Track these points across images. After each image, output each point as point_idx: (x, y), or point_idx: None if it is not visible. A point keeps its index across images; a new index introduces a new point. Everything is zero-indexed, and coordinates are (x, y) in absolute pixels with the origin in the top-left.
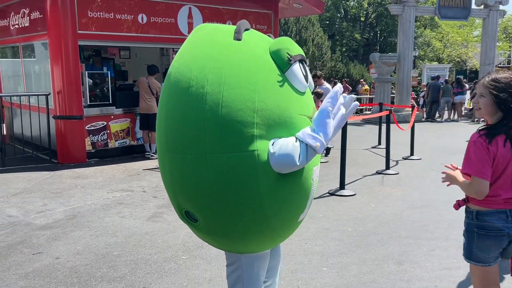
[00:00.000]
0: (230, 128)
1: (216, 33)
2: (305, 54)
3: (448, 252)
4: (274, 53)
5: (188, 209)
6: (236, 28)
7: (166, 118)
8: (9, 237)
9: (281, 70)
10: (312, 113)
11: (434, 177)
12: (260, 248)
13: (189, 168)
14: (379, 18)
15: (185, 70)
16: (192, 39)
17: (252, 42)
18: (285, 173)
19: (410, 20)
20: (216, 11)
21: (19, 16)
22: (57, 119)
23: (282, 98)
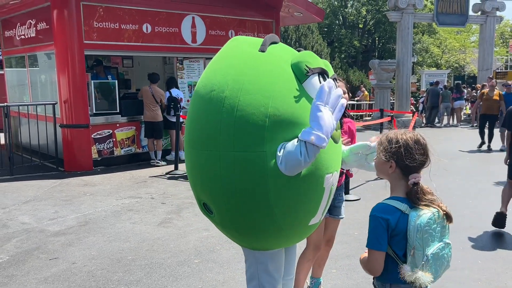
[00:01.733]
0: (242, 129)
1: (244, 45)
2: None
3: (453, 253)
4: (294, 65)
5: (205, 201)
6: (263, 41)
7: (191, 117)
8: (24, 244)
9: (299, 81)
10: None
11: (436, 182)
12: (270, 246)
13: (205, 163)
14: (377, 25)
15: (211, 77)
16: (223, 50)
17: (276, 54)
18: (293, 176)
19: (408, 26)
20: (219, 20)
21: (26, 26)
22: (63, 128)
23: (297, 106)
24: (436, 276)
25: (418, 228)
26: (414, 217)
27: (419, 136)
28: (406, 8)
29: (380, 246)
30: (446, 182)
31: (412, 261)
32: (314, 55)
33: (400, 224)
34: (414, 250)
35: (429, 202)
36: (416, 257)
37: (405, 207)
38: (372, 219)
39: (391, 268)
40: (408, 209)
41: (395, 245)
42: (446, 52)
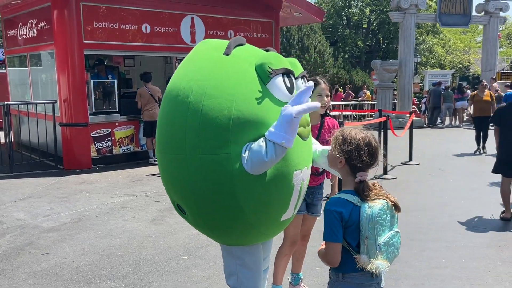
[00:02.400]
0: (207, 133)
1: (210, 49)
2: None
3: (438, 252)
4: (257, 67)
5: (178, 202)
6: (228, 44)
7: (160, 122)
8: (17, 239)
9: (263, 82)
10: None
11: (431, 182)
12: (245, 242)
13: (174, 166)
14: (381, 25)
15: (177, 82)
16: (190, 54)
17: (240, 57)
18: (261, 175)
19: (411, 27)
20: (218, 20)
21: (27, 26)
22: (63, 126)
23: (261, 107)
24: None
25: (370, 218)
26: (366, 209)
27: (372, 139)
28: (409, 8)
29: (336, 238)
30: (440, 182)
31: (365, 250)
32: (278, 56)
33: (352, 216)
34: (367, 239)
35: (377, 195)
36: (368, 246)
37: (356, 200)
38: (326, 213)
39: (344, 258)
40: (359, 202)
41: (348, 236)
42: (450, 53)
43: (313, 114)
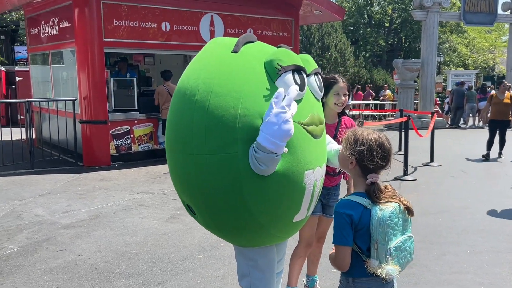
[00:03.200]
0: (213, 132)
1: (218, 47)
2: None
3: (458, 256)
4: (266, 63)
5: (187, 202)
6: (236, 41)
7: (169, 121)
8: (35, 235)
9: (272, 80)
10: (309, 118)
11: (452, 184)
12: (257, 243)
13: (182, 165)
14: (403, 24)
15: (185, 81)
16: (199, 53)
17: (249, 54)
18: (269, 175)
19: (433, 26)
20: (237, 18)
21: (49, 24)
22: (83, 124)
23: (268, 105)
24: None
25: (380, 222)
26: (376, 212)
27: (384, 140)
28: (432, 6)
29: (346, 241)
30: (462, 184)
31: (376, 254)
32: (288, 52)
33: (363, 219)
34: (377, 244)
35: (389, 198)
36: (378, 250)
37: (367, 202)
38: (336, 215)
39: (354, 262)
40: (370, 204)
41: (359, 240)
42: (474, 52)
43: (330, 112)
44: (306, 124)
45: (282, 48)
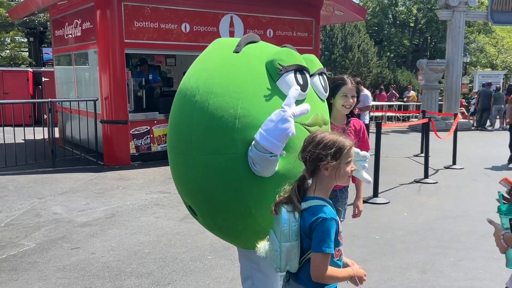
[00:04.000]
0: (213, 133)
1: (220, 47)
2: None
3: (476, 263)
4: (267, 63)
5: (189, 203)
6: (239, 41)
7: (170, 122)
8: (52, 233)
9: (273, 80)
10: (312, 119)
11: (474, 187)
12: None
13: (182, 167)
14: (429, 24)
15: (186, 81)
16: (202, 54)
17: (251, 54)
18: (269, 177)
19: (459, 25)
20: (257, 19)
21: (73, 26)
22: (104, 123)
23: (268, 105)
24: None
25: None
26: None
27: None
28: (458, 6)
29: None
30: (484, 188)
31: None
32: (291, 52)
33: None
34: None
35: None
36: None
37: None
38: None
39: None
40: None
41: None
42: (502, 52)
43: (338, 114)
44: (309, 125)
45: (285, 48)
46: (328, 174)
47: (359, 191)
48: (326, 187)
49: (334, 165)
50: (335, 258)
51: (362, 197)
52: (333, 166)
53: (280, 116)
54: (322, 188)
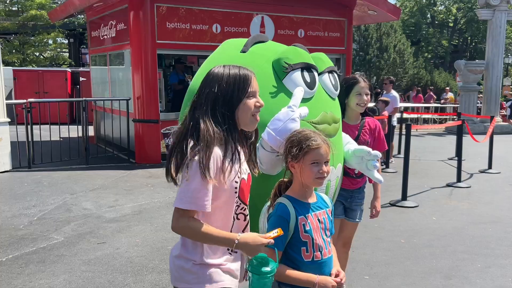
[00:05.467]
0: None
1: (229, 47)
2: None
3: (504, 270)
4: (274, 62)
5: None
6: (246, 41)
7: (180, 119)
8: (80, 227)
9: (279, 78)
10: (320, 117)
11: (510, 193)
12: None
13: None
14: (469, 24)
15: (194, 82)
16: (213, 53)
17: (258, 53)
18: (275, 175)
19: (500, 25)
20: (288, 19)
21: (108, 27)
22: (136, 122)
23: (275, 105)
24: None
25: None
26: None
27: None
28: (499, 5)
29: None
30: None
31: None
32: (298, 51)
33: None
34: None
35: None
36: None
37: None
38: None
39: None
40: None
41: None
42: None
43: (352, 113)
44: (317, 123)
45: (292, 46)
46: (295, 173)
47: (377, 191)
48: (297, 186)
49: (296, 164)
50: (305, 259)
51: (380, 197)
52: (295, 165)
53: (288, 116)
54: (294, 187)
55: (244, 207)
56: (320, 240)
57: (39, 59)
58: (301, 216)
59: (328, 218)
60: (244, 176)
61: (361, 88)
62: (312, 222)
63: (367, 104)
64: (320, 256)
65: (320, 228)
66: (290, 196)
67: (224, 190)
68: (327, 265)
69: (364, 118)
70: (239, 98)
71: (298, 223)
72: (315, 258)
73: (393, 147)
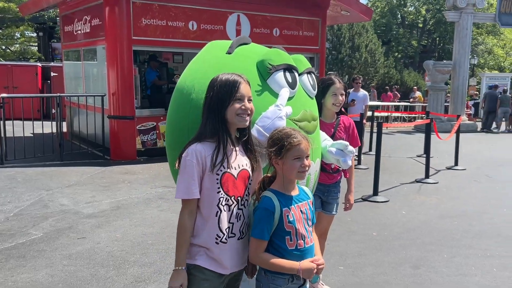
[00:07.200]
0: None
1: (215, 49)
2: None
3: (468, 259)
4: (258, 63)
5: None
6: (231, 43)
7: (167, 120)
8: (59, 223)
9: (263, 79)
10: (301, 115)
11: (474, 188)
12: None
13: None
14: (438, 25)
15: (182, 81)
16: (198, 54)
17: (242, 55)
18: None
19: (467, 27)
20: (263, 18)
21: (82, 22)
22: (111, 119)
23: (260, 103)
24: None
25: None
26: None
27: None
28: (466, 7)
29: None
30: (484, 189)
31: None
32: (280, 52)
33: None
34: None
35: None
36: None
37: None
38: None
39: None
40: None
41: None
42: (510, 54)
43: (328, 112)
44: (298, 120)
45: (274, 48)
46: (278, 169)
47: (350, 185)
48: (281, 181)
49: (279, 161)
50: (289, 247)
51: (353, 191)
52: (278, 161)
53: (276, 114)
54: (278, 181)
55: (228, 199)
56: (303, 229)
57: (6, 53)
58: (285, 208)
59: (310, 208)
60: (232, 171)
61: (336, 89)
62: (295, 213)
63: (342, 103)
64: (303, 244)
65: (302, 218)
66: (274, 189)
67: (206, 181)
68: (309, 252)
69: (339, 117)
70: (227, 101)
71: (282, 214)
72: (298, 246)
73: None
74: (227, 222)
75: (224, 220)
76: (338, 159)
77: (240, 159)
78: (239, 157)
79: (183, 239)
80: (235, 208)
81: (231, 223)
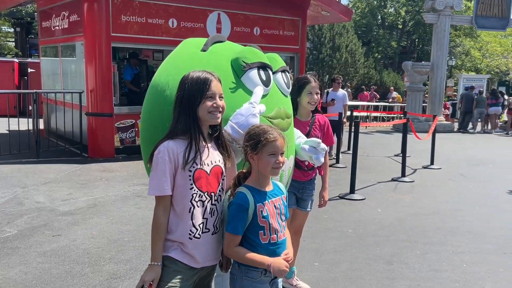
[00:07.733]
0: None
1: (189, 46)
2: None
3: (440, 255)
4: (233, 61)
5: None
6: (206, 41)
7: (142, 117)
8: (34, 220)
9: (238, 76)
10: (275, 112)
11: (449, 187)
12: None
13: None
14: (417, 26)
15: (156, 78)
16: (173, 52)
17: (217, 53)
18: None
19: (445, 29)
20: (244, 17)
21: (60, 18)
22: (89, 116)
23: (234, 100)
24: None
25: None
26: None
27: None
28: (444, 10)
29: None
30: (459, 187)
31: None
32: (254, 51)
33: None
34: None
35: None
36: None
37: None
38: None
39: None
40: None
41: None
42: (486, 57)
43: (304, 111)
44: (272, 118)
45: (249, 47)
46: (254, 164)
47: (325, 182)
48: (256, 176)
49: (255, 156)
50: (262, 242)
51: (328, 188)
52: (254, 156)
53: (250, 112)
54: (253, 177)
55: (202, 195)
56: (276, 224)
57: None
58: (259, 203)
59: (283, 203)
60: (205, 167)
61: (312, 88)
62: (269, 208)
63: (317, 102)
64: (276, 239)
65: (276, 213)
66: (249, 185)
67: (179, 178)
68: (282, 247)
69: (314, 115)
70: (198, 98)
71: (256, 209)
72: (271, 240)
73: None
74: (201, 218)
75: (198, 215)
76: (311, 156)
77: (212, 155)
78: (212, 153)
79: (158, 235)
80: (208, 204)
81: (205, 219)
